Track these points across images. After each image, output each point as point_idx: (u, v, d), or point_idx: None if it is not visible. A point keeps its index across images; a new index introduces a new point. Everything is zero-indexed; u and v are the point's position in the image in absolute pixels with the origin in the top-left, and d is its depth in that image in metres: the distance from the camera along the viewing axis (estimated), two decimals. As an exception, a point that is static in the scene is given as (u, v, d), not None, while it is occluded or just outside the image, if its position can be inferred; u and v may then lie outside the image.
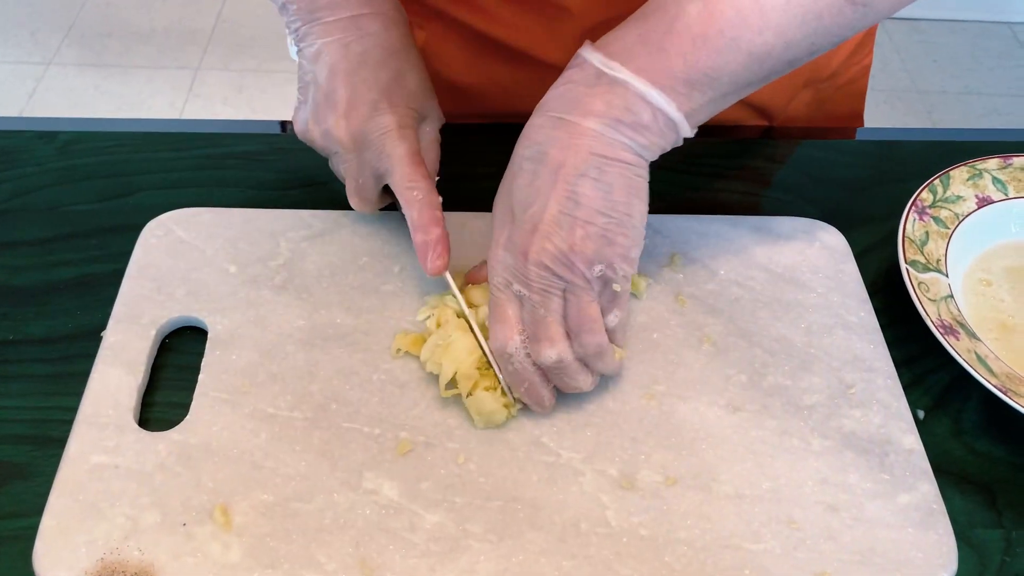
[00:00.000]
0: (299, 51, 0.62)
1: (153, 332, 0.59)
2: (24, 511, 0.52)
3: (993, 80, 2.31)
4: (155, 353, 0.59)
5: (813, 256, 0.66)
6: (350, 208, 0.68)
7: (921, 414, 0.59)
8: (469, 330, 0.57)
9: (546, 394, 0.55)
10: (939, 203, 0.66)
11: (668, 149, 0.53)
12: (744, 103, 0.79)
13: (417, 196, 0.59)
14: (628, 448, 0.55)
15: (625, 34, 0.51)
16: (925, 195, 0.66)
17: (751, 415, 0.57)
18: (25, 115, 2.08)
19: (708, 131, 0.82)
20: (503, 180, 0.55)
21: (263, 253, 0.64)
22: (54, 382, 0.58)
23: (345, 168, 0.62)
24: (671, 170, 0.76)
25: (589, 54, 0.52)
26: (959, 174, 0.68)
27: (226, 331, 0.59)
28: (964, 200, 0.67)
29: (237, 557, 0.49)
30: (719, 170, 0.77)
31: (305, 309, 0.61)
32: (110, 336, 0.59)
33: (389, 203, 0.65)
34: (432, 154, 0.63)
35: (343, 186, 0.71)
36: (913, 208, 0.65)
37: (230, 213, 0.67)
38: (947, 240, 0.65)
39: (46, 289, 0.63)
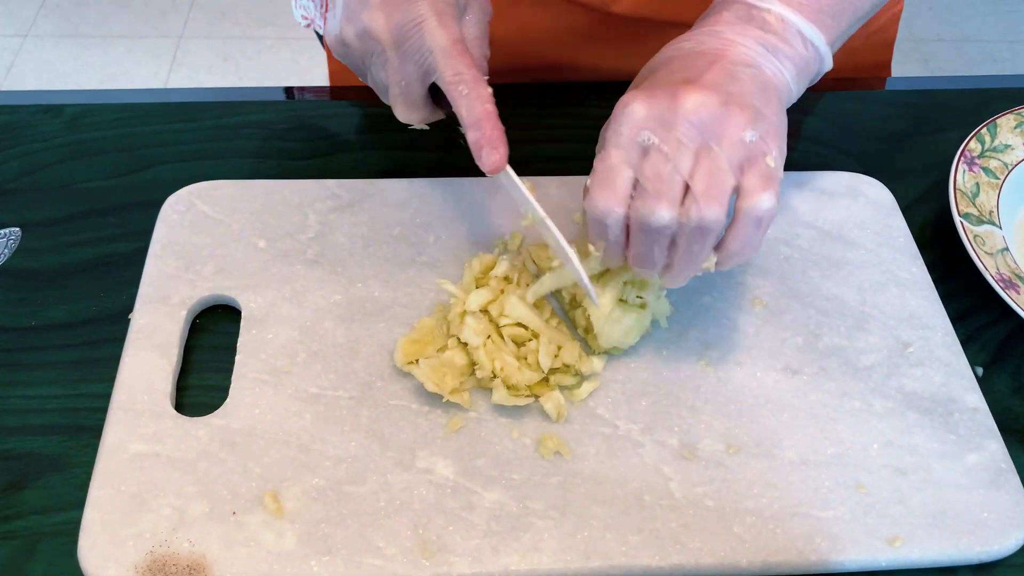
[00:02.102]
0: None
1: (184, 312, 0.56)
2: (63, 505, 0.50)
3: (988, 26, 2.29)
4: (187, 334, 0.56)
5: (859, 211, 0.64)
6: (376, 176, 0.65)
7: (979, 371, 0.58)
8: (458, 345, 0.54)
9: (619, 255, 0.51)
10: (988, 153, 0.64)
11: (807, 87, 0.53)
12: None
13: (464, 91, 0.53)
14: (686, 417, 0.53)
15: None
16: (973, 145, 0.64)
17: (810, 378, 0.55)
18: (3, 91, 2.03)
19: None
20: (640, 78, 0.52)
21: (291, 226, 0.61)
22: (81, 368, 0.56)
23: (387, 69, 0.55)
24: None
25: None
26: (1006, 122, 0.66)
27: (260, 309, 0.57)
28: (1013, 149, 0.65)
29: (292, 545, 0.47)
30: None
31: (341, 283, 0.58)
32: (138, 318, 0.56)
33: (437, 119, 0.59)
34: (478, 50, 0.57)
35: (367, 154, 0.69)
36: (962, 159, 0.63)
37: (253, 185, 0.64)
38: (998, 191, 0.63)
39: (64, 271, 0.60)
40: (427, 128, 0.59)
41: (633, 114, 0.47)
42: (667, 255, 0.50)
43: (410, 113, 0.57)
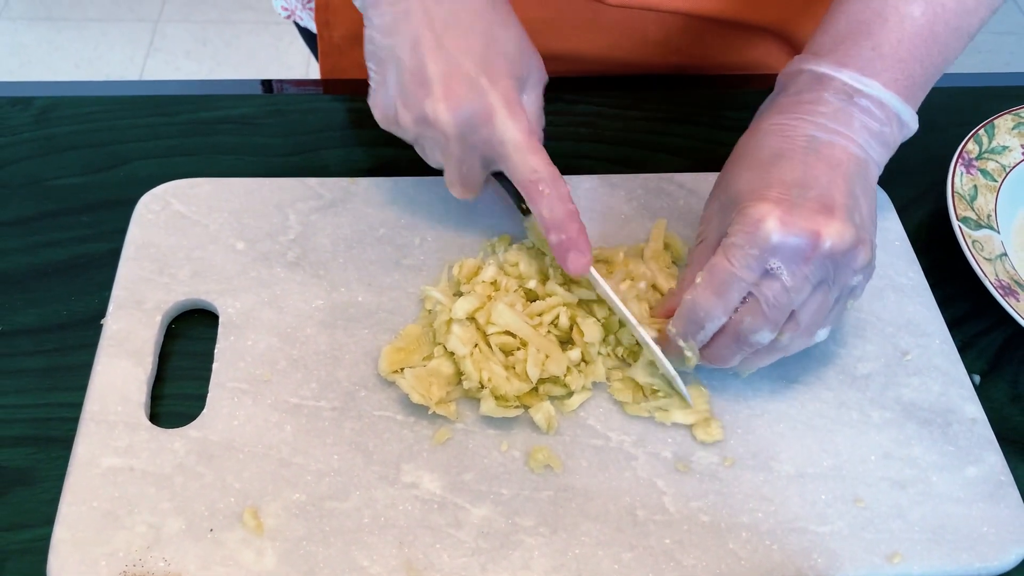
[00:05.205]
0: (367, 21, 0.53)
1: (158, 318, 0.54)
2: (31, 521, 0.48)
3: (972, 18, 2.28)
4: (162, 341, 0.54)
5: (855, 214, 0.63)
6: (360, 175, 0.63)
7: (977, 379, 0.56)
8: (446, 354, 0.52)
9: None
10: (985, 154, 0.63)
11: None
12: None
13: (544, 191, 0.51)
14: (680, 427, 0.52)
15: (857, 50, 0.51)
16: (971, 146, 0.63)
17: (806, 387, 0.54)
18: (-25, 74, 1.98)
19: (729, 81, 0.78)
20: (742, 163, 0.51)
21: (272, 227, 0.59)
22: (52, 376, 0.53)
23: (447, 155, 0.53)
24: (693, 123, 0.72)
25: (836, 72, 0.51)
26: (1004, 123, 0.64)
27: (239, 314, 0.55)
28: (1010, 150, 0.63)
29: (272, 564, 0.46)
30: (744, 123, 0.73)
31: (323, 288, 0.56)
32: (111, 324, 0.54)
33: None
34: (538, 124, 0.55)
35: (350, 151, 0.67)
36: (959, 160, 0.62)
37: (231, 183, 0.61)
38: (996, 194, 0.61)
39: (34, 273, 0.58)
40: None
41: (767, 238, 0.47)
42: None
43: (466, 194, 0.56)
